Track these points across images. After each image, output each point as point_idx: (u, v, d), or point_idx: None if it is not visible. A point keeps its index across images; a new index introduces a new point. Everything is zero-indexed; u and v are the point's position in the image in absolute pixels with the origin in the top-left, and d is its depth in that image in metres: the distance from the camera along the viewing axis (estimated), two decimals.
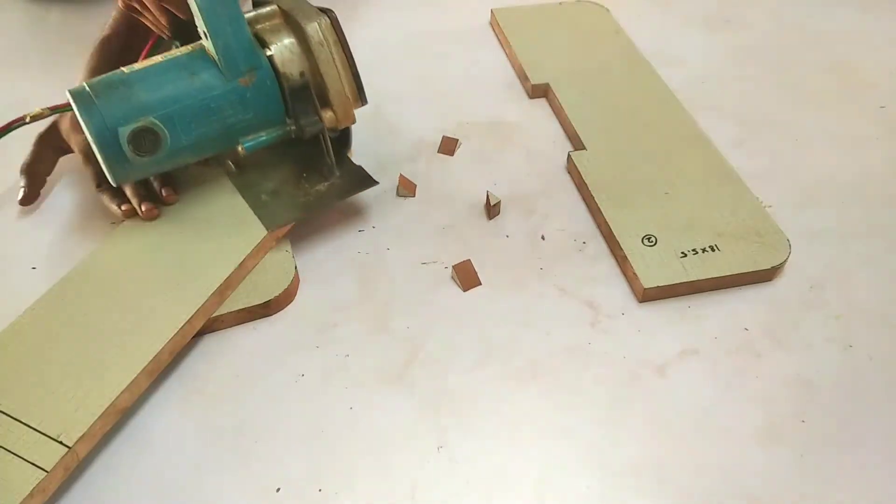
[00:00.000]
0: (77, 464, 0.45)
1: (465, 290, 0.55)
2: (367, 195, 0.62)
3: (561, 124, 0.71)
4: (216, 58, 0.52)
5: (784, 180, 0.65)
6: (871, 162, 0.67)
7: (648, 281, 0.54)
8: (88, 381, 0.47)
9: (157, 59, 0.53)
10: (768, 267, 0.56)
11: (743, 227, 0.58)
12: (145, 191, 0.58)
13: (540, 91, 0.74)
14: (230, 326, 0.53)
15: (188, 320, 0.50)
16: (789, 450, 0.46)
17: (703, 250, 0.56)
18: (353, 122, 0.58)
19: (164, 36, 0.58)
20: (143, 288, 0.52)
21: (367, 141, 0.66)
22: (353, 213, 0.62)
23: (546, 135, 0.70)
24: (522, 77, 0.76)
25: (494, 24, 0.84)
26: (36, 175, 0.62)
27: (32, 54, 0.81)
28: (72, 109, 0.53)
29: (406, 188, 0.63)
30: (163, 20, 0.56)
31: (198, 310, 0.50)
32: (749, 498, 0.44)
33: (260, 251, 0.55)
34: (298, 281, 0.56)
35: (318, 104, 0.55)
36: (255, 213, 0.57)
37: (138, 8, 0.58)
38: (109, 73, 0.52)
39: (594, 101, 0.71)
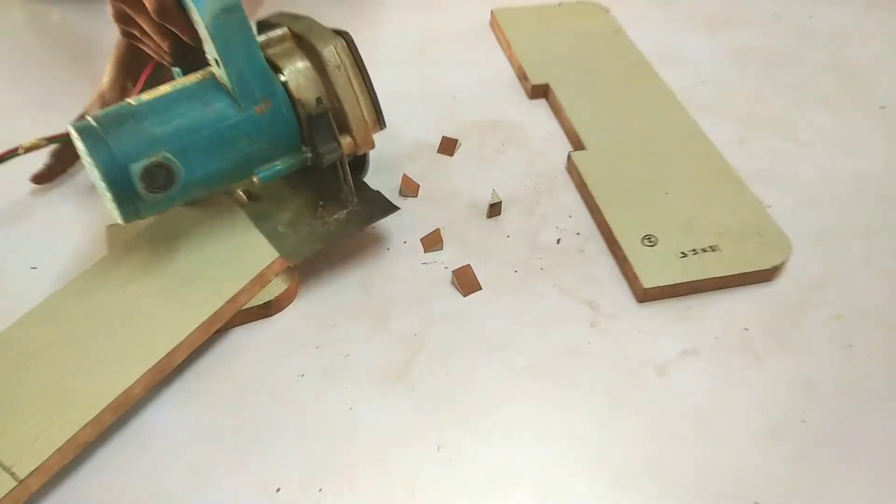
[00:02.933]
0: (28, 497, 0.42)
1: (465, 296, 0.55)
2: None
3: (561, 124, 0.71)
4: (229, 86, 0.50)
5: (784, 180, 0.65)
6: (871, 162, 0.67)
7: (648, 281, 0.54)
8: (53, 411, 0.44)
9: (166, 88, 0.50)
10: (768, 267, 0.56)
11: (743, 227, 0.58)
12: None
13: (540, 91, 0.74)
14: (230, 328, 0.53)
15: (167, 353, 0.47)
16: (789, 450, 0.47)
17: (703, 250, 0.56)
18: (373, 147, 0.56)
19: (165, 62, 0.55)
20: (129, 313, 0.50)
21: None
22: None
23: (546, 135, 0.70)
24: (522, 77, 0.76)
25: (494, 24, 0.84)
26: (63, 157, 0.61)
27: (32, 54, 0.81)
28: (69, 140, 0.51)
29: (409, 188, 0.63)
30: (165, 46, 0.53)
31: (180, 343, 0.48)
32: (749, 498, 0.44)
33: (255, 286, 0.53)
34: (298, 282, 0.56)
35: (336, 131, 0.53)
36: (273, 246, 0.54)
37: (137, 35, 0.55)
38: (115, 106, 0.49)
39: (594, 101, 0.71)
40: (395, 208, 0.57)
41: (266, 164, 0.53)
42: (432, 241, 0.59)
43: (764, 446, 0.47)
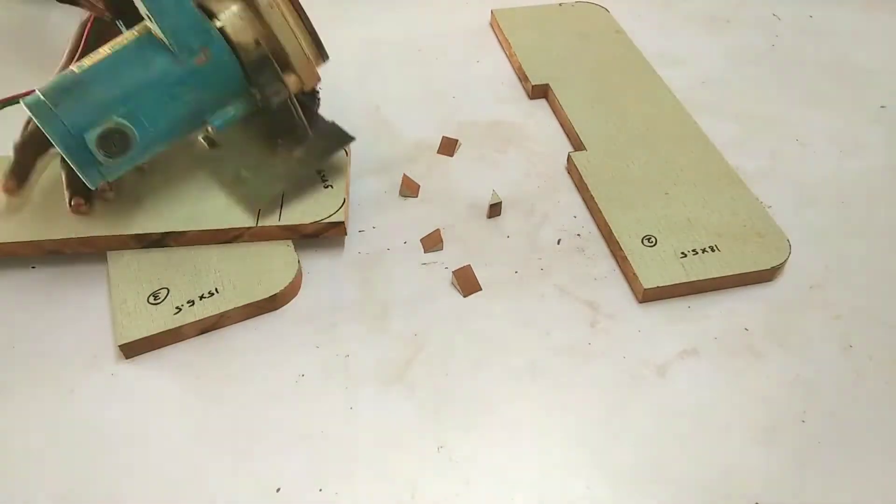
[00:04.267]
0: None
1: (465, 296, 0.55)
2: (367, 195, 0.62)
3: (561, 124, 0.71)
4: (165, 40, 0.49)
5: (784, 180, 0.65)
6: (871, 162, 0.67)
7: (648, 281, 0.54)
8: None
9: (105, 50, 0.49)
10: (768, 267, 0.56)
11: (743, 227, 0.58)
12: (83, 185, 0.54)
13: (540, 91, 0.74)
14: (236, 322, 0.53)
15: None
16: (789, 450, 0.47)
17: (703, 250, 0.56)
18: (318, 80, 0.56)
19: (104, 16, 0.54)
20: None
21: (366, 141, 0.66)
22: (353, 213, 0.62)
23: (546, 135, 0.70)
24: (522, 77, 0.76)
25: (494, 24, 0.84)
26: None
27: (32, 54, 0.81)
28: (17, 103, 0.51)
29: (409, 188, 0.63)
30: (99, 4, 0.52)
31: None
32: (749, 498, 0.44)
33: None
34: (302, 274, 0.56)
35: (279, 71, 0.53)
36: (236, 197, 0.55)
37: None
38: (60, 76, 0.49)
39: (594, 101, 0.71)
40: (350, 138, 0.58)
41: (217, 112, 0.53)
42: (432, 242, 0.59)
43: (764, 446, 0.47)
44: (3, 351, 0.52)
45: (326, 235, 0.57)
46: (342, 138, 0.58)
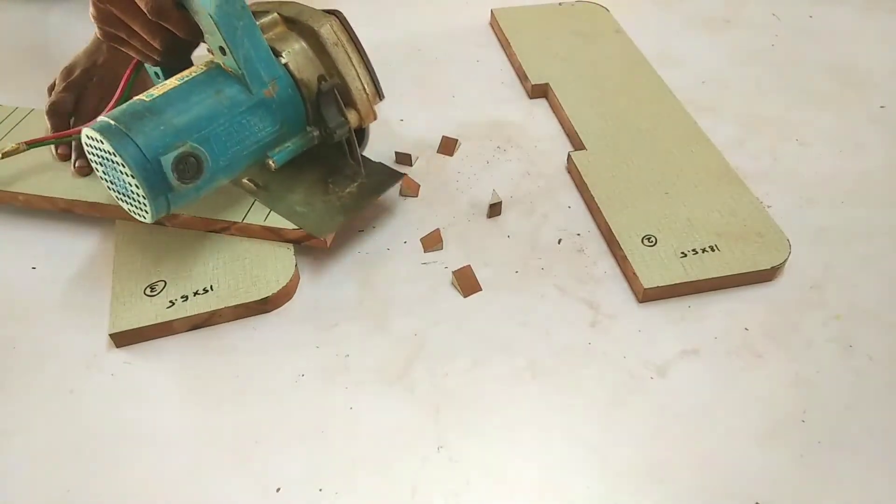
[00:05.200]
0: None
1: (465, 296, 0.55)
2: None
3: (561, 124, 0.71)
4: (237, 72, 0.51)
5: (784, 180, 0.65)
6: (871, 162, 0.67)
7: (648, 281, 0.54)
8: None
9: (174, 82, 0.51)
10: (768, 267, 0.56)
11: (743, 227, 0.58)
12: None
13: (540, 91, 0.74)
14: (227, 321, 0.53)
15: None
16: (789, 450, 0.47)
17: (703, 250, 0.56)
18: (375, 118, 0.58)
19: (151, 61, 0.55)
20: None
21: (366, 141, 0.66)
22: None
23: (546, 135, 0.70)
24: (522, 77, 0.76)
25: (494, 24, 0.84)
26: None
27: (32, 54, 0.81)
28: (52, 144, 0.55)
29: (410, 188, 0.63)
30: (156, 44, 0.52)
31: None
32: (749, 498, 0.44)
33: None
34: (298, 279, 0.56)
35: (343, 106, 0.55)
36: (299, 226, 0.56)
37: (122, 37, 0.53)
38: (128, 104, 0.49)
39: (594, 101, 0.71)
40: (400, 175, 0.60)
41: (278, 147, 0.54)
42: (432, 242, 0.59)
43: (764, 446, 0.47)
44: (4, 351, 0.52)
45: (308, 244, 0.57)
46: (392, 176, 0.60)
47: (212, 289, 0.53)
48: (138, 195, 0.48)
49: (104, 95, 0.63)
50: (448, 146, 0.68)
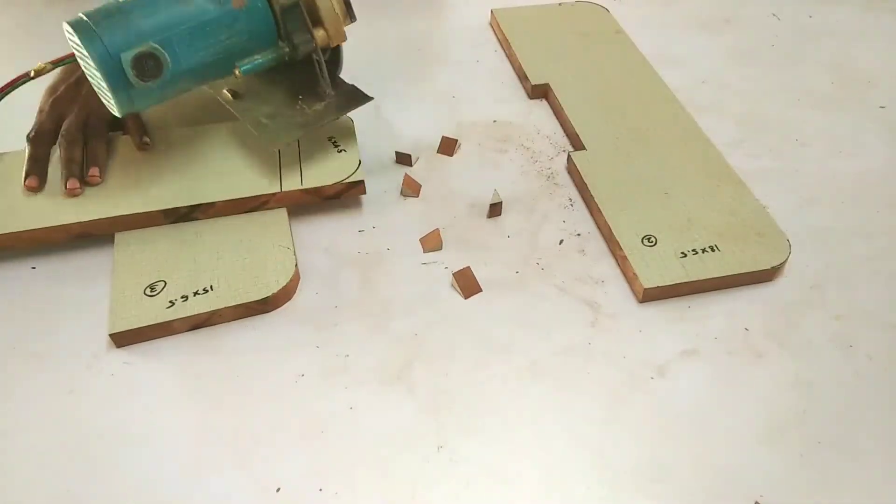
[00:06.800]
0: None
1: (465, 298, 0.55)
2: (367, 195, 0.62)
3: (561, 124, 0.71)
4: None
5: (784, 180, 0.65)
6: (871, 162, 0.67)
7: (648, 281, 0.54)
8: None
9: None
10: (768, 267, 0.56)
11: (743, 227, 0.58)
12: (78, 169, 0.59)
13: (540, 91, 0.74)
14: (227, 321, 0.53)
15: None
16: (789, 450, 0.47)
17: (703, 250, 0.56)
18: (344, 39, 0.59)
19: None
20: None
21: (367, 141, 0.66)
22: (354, 213, 0.62)
23: (546, 135, 0.70)
24: (522, 77, 0.76)
25: (494, 24, 0.84)
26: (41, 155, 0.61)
27: (33, 54, 0.80)
28: (74, 60, 0.54)
29: (410, 188, 0.63)
30: None
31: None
32: (749, 498, 0.44)
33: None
34: (298, 279, 0.56)
35: (309, 23, 0.56)
36: (256, 133, 0.58)
37: None
38: (105, 3, 0.52)
39: (594, 101, 0.71)
40: (368, 98, 0.61)
41: (246, 59, 0.56)
42: (432, 242, 0.59)
43: (764, 446, 0.47)
44: (3, 351, 0.52)
45: (348, 195, 0.60)
46: (361, 97, 0.61)
47: (212, 289, 0.53)
48: (105, 88, 0.52)
49: (99, 103, 0.62)
50: (448, 146, 0.68)
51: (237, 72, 0.55)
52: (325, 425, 0.48)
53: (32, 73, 0.57)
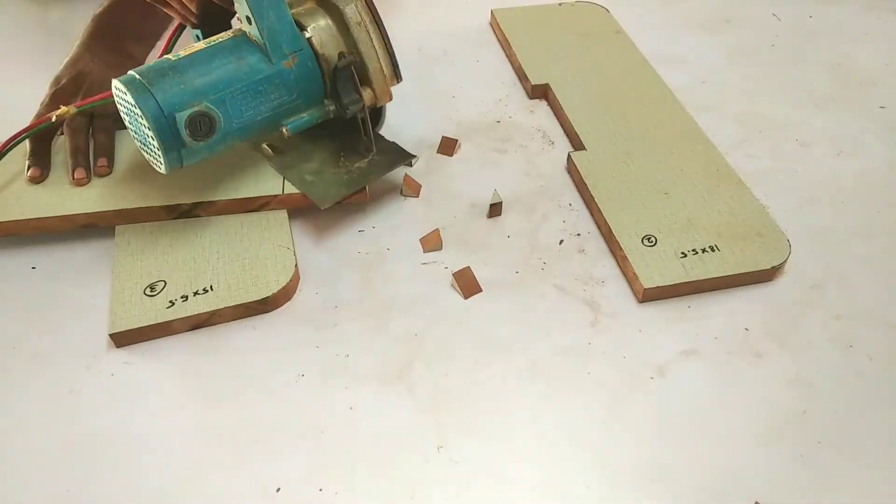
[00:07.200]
0: None
1: (465, 298, 0.55)
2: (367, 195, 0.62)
3: (561, 124, 0.71)
4: (260, 42, 0.54)
5: (784, 180, 0.65)
6: (871, 162, 0.67)
7: (648, 281, 0.54)
8: None
9: (200, 45, 0.54)
10: (768, 267, 0.56)
11: (743, 227, 0.58)
12: (84, 158, 0.59)
13: (540, 91, 0.74)
14: (227, 321, 0.53)
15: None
16: (789, 450, 0.47)
17: (703, 250, 0.56)
18: (390, 99, 0.60)
19: (189, 24, 0.58)
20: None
21: None
22: (354, 213, 0.62)
23: (546, 135, 0.70)
24: (522, 77, 0.76)
25: (494, 24, 0.84)
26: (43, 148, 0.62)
27: (32, 54, 0.81)
28: (102, 103, 0.55)
29: (410, 188, 0.63)
30: (192, 7, 0.56)
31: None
32: (749, 498, 0.44)
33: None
34: (298, 279, 0.56)
35: (358, 83, 0.57)
36: (303, 192, 0.59)
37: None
38: (156, 61, 0.53)
39: (594, 101, 0.71)
40: (411, 156, 0.62)
41: (293, 117, 0.57)
42: (432, 242, 0.59)
43: (764, 446, 0.47)
44: (3, 351, 0.52)
45: (350, 202, 0.60)
46: (403, 156, 0.62)
47: (212, 289, 0.53)
48: (154, 147, 0.52)
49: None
50: (448, 146, 0.68)
51: (285, 130, 0.56)
52: (325, 425, 0.48)
53: (54, 118, 0.57)
